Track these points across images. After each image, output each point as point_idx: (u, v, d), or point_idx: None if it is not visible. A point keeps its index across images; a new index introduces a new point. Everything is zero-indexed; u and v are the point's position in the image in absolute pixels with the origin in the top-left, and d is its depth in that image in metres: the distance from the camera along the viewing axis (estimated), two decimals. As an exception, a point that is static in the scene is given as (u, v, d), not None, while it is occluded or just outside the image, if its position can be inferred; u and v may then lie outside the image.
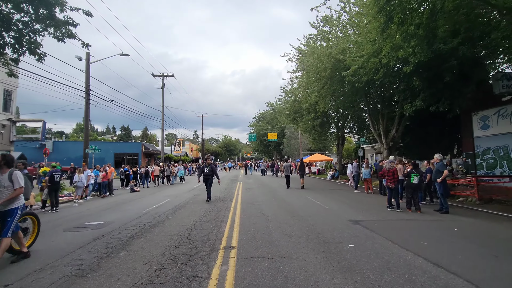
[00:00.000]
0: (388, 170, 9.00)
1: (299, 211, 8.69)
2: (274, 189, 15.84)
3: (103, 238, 5.96)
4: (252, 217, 7.81)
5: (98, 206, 11.11)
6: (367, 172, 13.85)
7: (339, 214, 8.18)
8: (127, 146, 41.83)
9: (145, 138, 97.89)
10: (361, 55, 13.44)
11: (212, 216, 8.12)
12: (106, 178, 15.04)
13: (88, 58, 19.41)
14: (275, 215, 8.14)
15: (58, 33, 7.35)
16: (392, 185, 8.87)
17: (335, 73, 16.04)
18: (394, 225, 6.94)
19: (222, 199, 11.92)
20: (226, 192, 14.64)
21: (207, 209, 9.28)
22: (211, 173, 11.10)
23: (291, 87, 27.03)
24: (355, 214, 8.23)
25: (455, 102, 12.95)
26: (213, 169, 11.27)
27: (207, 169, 11.11)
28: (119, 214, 8.88)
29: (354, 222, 7.13)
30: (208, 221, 7.36)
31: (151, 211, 9.30)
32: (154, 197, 13.48)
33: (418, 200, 8.72)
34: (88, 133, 19.85)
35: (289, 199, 11.73)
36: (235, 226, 6.72)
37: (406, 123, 18.00)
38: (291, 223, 6.99)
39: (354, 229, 6.41)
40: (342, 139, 28.69)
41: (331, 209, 9.14)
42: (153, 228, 6.71)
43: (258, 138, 53.95)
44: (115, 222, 7.64)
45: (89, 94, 19.30)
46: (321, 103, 18.10)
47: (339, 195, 12.99)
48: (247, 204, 10.22)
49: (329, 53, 15.40)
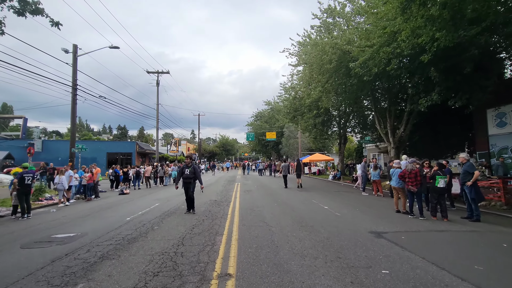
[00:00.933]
0: (409, 171, 7.79)
1: (307, 219, 7.46)
2: (275, 191, 14.61)
3: (65, 259, 4.68)
4: (253, 228, 6.57)
5: (78, 212, 9.81)
6: (376, 173, 12.66)
7: (354, 223, 6.97)
8: (120, 145, 40.40)
9: (141, 138, 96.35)
10: (371, 44, 12.25)
11: (205, 226, 6.87)
12: (92, 180, 13.72)
13: (75, 50, 18.10)
14: (279, 224, 6.91)
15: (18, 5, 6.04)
16: (415, 189, 7.67)
17: (340, 66, 14.85)
18: (426, 238, 5.73)
19: (218, 203, 10.66)
20: (222, 194, 13.38)
21: (200, 217, 8.02)
22: (194, 176, 8.63)
23: (291, 84, 25.81)
24: (374, 223, 7.02)
25: (473, 96, 11.78)
26: (196, 171, 8.74)
27: (188, 170, 8.61)
28: (98, 223, 7.60)
29: (376, 234, 5.91)
30: (200, 233, 6.10)
31: (135, 218, 8.03)
32: (143, 200, 12.19)
33: (446, 207, 7.52)
34: (74, 131, 18.49)
35: (293, 203, 10.50)
36: (233, 241, 5.47)
37: (415, 120, 16.86)
38: (300, 236, 5.75)
39: (380, 244, 5.19)
40: (344, 138, 27.55)
41: (343, 216, 7.92)
42: (131, 244, 5.45)
43: (256, 137, 52.68)
44: (89, 234, 6.36)
45: (76, 89, 17.98)
46: (325, 99, 16.88)
47: (347, 199, 11.78)
48: (246, 210, 8.97)
49: (335, 43, 14.20)
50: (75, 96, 17.94)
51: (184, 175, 8.64)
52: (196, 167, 8.95)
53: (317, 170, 32.79)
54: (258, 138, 53.59)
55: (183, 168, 8.79)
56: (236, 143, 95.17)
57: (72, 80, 17.76)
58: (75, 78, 17.90)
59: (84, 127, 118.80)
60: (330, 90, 15.95)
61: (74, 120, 18.20)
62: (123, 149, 36.98)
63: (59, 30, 7.13)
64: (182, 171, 8.76)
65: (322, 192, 14.49)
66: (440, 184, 7.52)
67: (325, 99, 16.79)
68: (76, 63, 18.06)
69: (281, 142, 48.16)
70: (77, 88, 18.04)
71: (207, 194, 13.55)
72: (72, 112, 17.98)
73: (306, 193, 13.71)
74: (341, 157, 27.18)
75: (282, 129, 47.46)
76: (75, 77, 17.87)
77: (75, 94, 17.88)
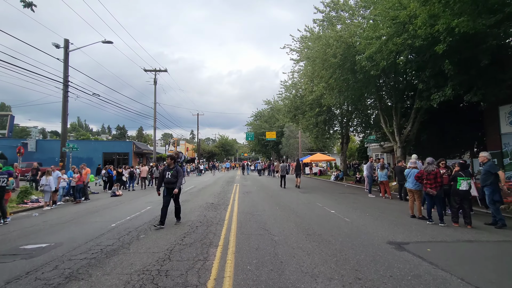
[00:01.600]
0: (428, 173, 6.96)
1: (313, 226, 6.62)
2: (275, 193, 13.76)
3: (23, 279, 3.84)
4: (253, 237, 5.73)
5: (62, 216, 8.97)
6: (383, 173, 11.83)
7: (368, 231, 6.13)
8: (117, 145, 39.54)
9: (140, 138, 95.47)
10: (379, 36, 11.44)
11: (198, 234, 6.03)
12: (81, 181, 12.87)
13: (66, 45, 17.30)
14: (283, 232, 6.07)
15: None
16: (434, 192, 6.84)
17: (345, 61, 14.02)
18: (455, 251, 4.90)
19: (215, 206, 9.82)
20: (220, 196, 12.54)
21: (193, 223, 7.19)
22: (176, 180, 7.07)
23: (291, 81, 24.99)
24: (390, 231, 6.18)
25: (488, 92, 10.97)
26: (179, 173, 7.11)
27: (170, 173, 7.02)
28: (78, 230, 6.75)
29: (396, 246, 5.08)
30: (191, 244, 5.27)
31: (121, 225, 7.19)
32: (134, 203, 11.34)
33: (469, 212, 6.69)
34: (65, 129, 17.67)
35: (296, 206, 9.66)
36: (229, 255, 4.63)
37: (422, 118, 16.05)
38: (308, 249, 4.91)
39: (404, 259, 4.36)
40: (347, 138, 26.71)
41: (353, 222, 7.08)
42: (109, 258, 4.61)
43: (256, 137, 51.85)
44: (64, 244, 5.52)
45: (67, 86, 17.20)
46: (328, 95, 16.05)
47: (353, 201, 10.95)
48: (245, 215, 8.13)
49: (340, 36, 13.37)
50: (67, 93, 17.16)
51: (166, 180, 7.06)
52: (180, 169, 7.26)
53: (318, 171, 31.96)
54: (257, 138, 52.78)
55: (164, 170, 7.23)
56: (235, 143, 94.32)
57: (63, 76, 16.99)
58: (67, 74, 17.13)
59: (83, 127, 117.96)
60: (334, 87, 15.10)
61: (65, 118, 17.35)
62: (119, 149, 36.12)
63: (33, 12, 6.31)
64: (163, 174, 7.21)
65: (325, 194, 13.66)
66: (462, 187, 6.70)
67: (328, 95, 15.95)
68: (68, 58, 17.31)
69: (281, 142, 47.34)
70: (69, 85, 17.26)
71: (203, 197, 12.72)
72: (63, 110, 17.17)
73: (309, 195, 12.87)
74: (343, 157, 26.35)
75: (282, 128, 46.65)
76: (66, 73, 17.10)
77: (66, 91, 17.11)
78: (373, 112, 22.43)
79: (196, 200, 11.49)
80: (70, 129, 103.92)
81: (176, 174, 7.06)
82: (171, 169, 7.11)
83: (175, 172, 7.07)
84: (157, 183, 7.52)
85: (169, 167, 7.17)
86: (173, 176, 7.03)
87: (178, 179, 7.05)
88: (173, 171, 7.07)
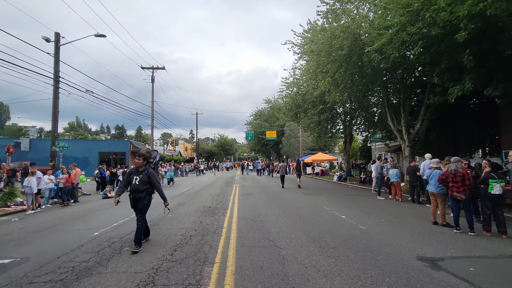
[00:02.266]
0: (454, 174, 6.08)
1: (325, 236, 5.74)
2: (278, 195, 12.87)
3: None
4: (256, 250, 4.85)
5: (43, 222, 8.08)
6: (395, 173, 10.95)
7: (390, 243, 5.26)
8: (113, 144, 38.66)
9: (139, 138, 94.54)
10: (390, 25, 10.58)
11: (192, 246, 5.15)
12: (69, 182, 11.97)
13: (57, 39, 16.45)
14: (291, 244, 5.19)
15: None
16: (463, 196, 5.96)
17: (352, 54, 13.15)
18: (503, 270, 4.03)
19: (212, 210, 8.94)
20: (219, 199, 11.65)
21: (187, 231, 6.31)
22: (148, 187, 5.27)
23: (293, 79, 24.10)
24: (416, 242, 5.31)
25: (510, 86, 10.11)
26: (152, 179, 5.29)
27: (138, 178, 5.23)
28: (54, 241, 5.87)
29: (430, 263, 4.20)
30: (182, 261, 4.38)
31: (105, 233, 6.31)
32: (126, 207, 10.29)
33: (504, 219, 5.82)
34: (56, 127, 16.77)
35: (302, 210, 8.78)
36: (227, 276, 3.75)
37: (432, 115, 15.21)
38: (325, 268, 4.04)
39: (446, 284, 3.48)
40: (350, 137, 25.84)
41: (369, 230, 6.21)
42: (80, 281, 3.72)
43: (256, 136, 50.96)
44: (31, 259, 4.64)
45: (58, 82, 16.34)
46: (333, 91, 15.16)
47: (364, 204, 10.07)
48: (246, 221, 7.25)
49: (346, 27, 12.50)
50: (57, 89, 16.35)
51: (132, 186, 5.24)
52: (153, 173, 5.40)
53: (320, 171, 31.12)
54: (257, 138, 51.91)
55: (130, 174, 5.36)
56: (235, 142, 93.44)
57: (54, 72, 16.16)
58: (57, 69, 16.29)
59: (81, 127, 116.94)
60: (340, 82, 14.23)
61: (55, 115, 16.47)
62: (116, 149, 35.21)
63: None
64: (128, 178, 5.35)
65: (331, 195, 12.78)
66: (495, 190, 5.82)
67: (334, 91, 15.06)
68: (58, 52, 16.47)
69: (282, 141, 46.48)
70: (60, 81, 16.41)
71: (201, 199, 11.84)
72: (54, 107, 16.32)
73: (314, 197, 12.00)
74: (347, 156, 25.50)
75: (282, 128, 45.80)
76: (57, 68, 16.26)
77: (57, 87, 16.28)
78: (377, 110, 21.59)
79: (192, 203, 10.61)
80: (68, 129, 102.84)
81: (148, 180, 5.20)
82: (141, 173, 5.25)
83: (145, 176, 5.20)
84: (118, 189, 5.47)
85: (138, 170, 5.29)
86: (142, 182, 5.18)
87: (156, 188, 5.36)
88: (143, 175, 5.20)
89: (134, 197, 5.29)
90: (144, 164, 5.35)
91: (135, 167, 5.42)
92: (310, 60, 17.72)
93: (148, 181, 5.23)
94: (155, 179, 5.34)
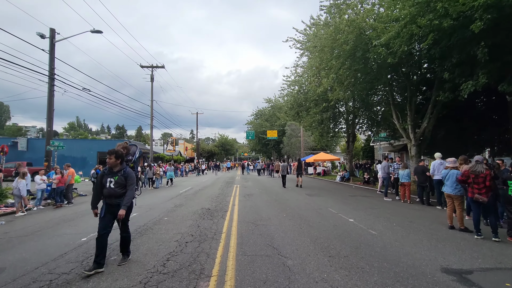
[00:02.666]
0: (476, 174, 5.55)
1: (334, 243, 5.21)
2: (280, 196, 12.34)
3: None
4: (258, 260, 4.32)
5: (30, 225, 7.56)
6: (406, 174, 10.42)
7: (408, 251, 4.73)
8: (112, 144, 37.92)
9: (139, 138, 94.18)
10: (398, 17, 10.07)
11: (187, 255, 4.63)
12: (62, 183, 11.46)
13: (52, 35, 15.98)
14: (297, 253, 4.66)
15: None
16: (485, 199, 5.43)
17: (356, 49, 12.61)
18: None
19: (211, 213, 8.42)
20: (218, 200, 11.14)
21: (183, 237, 5.78)
22: (124, 191, 4.29)
23: (295, 77, 23.58)
24: (436, 250, 4.77)
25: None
26: (129, 180, 4.34)
27: (114, 180, 4.27)
28: (36, 247, 5.35)
29: (458, 276, 3.67)
30: (175, 273, 3.86)
31: (93, 239, 5.69)
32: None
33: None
34: (51, 125, 16.30)
35: (306, 213, 8.25)
36: (226, 293, 3.24)
37: (440, 113, 14.67)
38: (338, 283, 3.51)
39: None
40: (353, 136, 25.31)
41: (382, 236, 5.68)
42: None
43: (256, 136, 50.46)
44: (6, 270, 4.12)
45: (53, 79, 15.88)
46: (337, 88, 14.62)
47: (371, 206, 9.53)
48: (247, 225, 6.73)
49: (352, 20, 11.96)
50: (53, 86, 15.90)
51: (106, 191, 4.24)
52: (131, 173, 4.43)
53: (322, 171, 30.58)
54: (258, 137, 51.42)
55: (103, 176, 4.36)
56: (235, 142, 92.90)
57: (49, 69, 15.70)
58: (52, 66, 15.83)
59: (82, 127, 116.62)
60: (344, 79, 13.69)
61: (50, 114, 16.01)
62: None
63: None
64: (101, 181, 4.35)
65: (335, 197, 12.24)
66: (519, 192, 5.29)
67: (338, 88, 14.53)
68: (54, 49, 16.02)
69: (283, 141, 45.95)
70: (55, 78, 15.94)
71: (199, 200, 11.33)
72: (49, 104, 15.89)
73: (318, 199, 11.47)
74: (350, 156, 24.97)
75: (283, 127, 45.28)
76: (52, 65, 15.80)
77: (52, 84, 15.83)
78: (381, 108, 21.04)
79: (190, 205, 10.10)
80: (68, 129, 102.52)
81: (124, 182, 4.27)
82: (116, 174, 4.28)
83: (121, 178, 4.25)
84: (93, 197, 4.39)
85: (112, 170, 4.31)
86: (118, 184, 4.22)
87: (128, 191, 4.26)
88: (119, 177, 4.24)
89: (110, 203, 4.25)
90: (119, 163, 4.32)
91: (108, 168, 4.36)
92: (312, 57, 17.20)
93: (125, 183, 4.30)
94: (131, 180, 4.33)
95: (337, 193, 13.64)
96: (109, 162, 4.31)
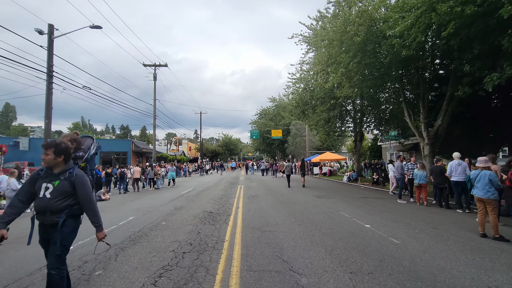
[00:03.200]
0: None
1: (354, 254, 4.52)
2: (286, 198, 11.64)
3: None
4: (266, 277, 3.65)
5: (16, 230, 6.96)
6: (424, 175, 9.67)
7: (442, 266, 4.02)
8: (114, 144, 37.80)
9: (143, 138, 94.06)
10: (415, 4, 9.34)
11: (183, 269, 3.97)
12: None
13: (50, 31, 15.49)
14: (312, 267, 3.98)
15: None
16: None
17: (368, 42, 11.88)
18: None
19: (213, 217, 7.77)
20: (221, 202, 10.49)
21: (181, 245, 5.13)
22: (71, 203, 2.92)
23: (300, 74, 22.88)
24: (474, 264, 4.06)
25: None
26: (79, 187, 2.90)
27: (53, 186, 2.83)
28: (16, 258, 4.77)
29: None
30: (167, 295, 3.22)
31: (81, 248, 5.17)
32: (116, 211, 9.32)
33: None
34: (50, 124, 15.79)
35: (317, 217, 7.55)
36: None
37: (455, 110, 13.85)
38: (366, 310, 2.83)
39: None
40: (361, 135, 24.48)
41: (407, 246, 4.97)
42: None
43: (261, 136, 49.81)
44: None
45: (51, 76, 15.40)
46: (347, 84, 13.87)
47: (385, 210, 8.79)
48: (252, 231, 6.06)
49: (363, 11, 11.24)
50: (51, 84, 15.40)
51: (38, 202, 2.84)
52: (83, 176, 2.99)
53: (328, 171, 29.81)
54: (262, 137, 50.77)
55: (36, 179, 2.91)
56: (239, 142, 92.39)
57: (47, 66, 15.21)
58: (51, 63, 15.34)
59: (86, 127, 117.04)
60: (354, 74, 12.94)
61: (49, 112, 15.52)
62: (118, 148, 34.30)
63: None
64: (31, 188, 2.90)
65: (345, 198, 11.52)
66: None
67: (347, 84, 13.79)
68: (52, 45, 15.53)
69: (287, 140, 45.21)
70: (53, 76, 15.45)
71: (201, 202, 10.70)
72: (47, 102, 15.41)
73: (327, 201, 10.76)
74: (357, 156, 24.15)
75: (288, 127, 44.54)
76: (50, 62, 15.31)
77: (50, 82, 15.32)
78: (389, 106, 20.21)
79: (191, 207, 9.47)
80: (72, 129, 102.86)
81: (70, 190, 2.90)
82: (56, 177, 2.89)
83: (65, 183, 2.88)
84: (6, 209, 2.91)
85: (51, 172, 2.91)
86: (59, 193, 2.85)
87: (86, 203, 2.97)
88: (61, 182, 2.87)
89: (43, 222, 2.89)
90: (62, 160, 2.92)
91: (45, 168, 2.94)
92: (320, 52, 16.49)
93: (72, 191, 2.90)
94: (85, 187, 2.95)
95: (346, 195, 12.91)
96: (45, 159, 2.86)
